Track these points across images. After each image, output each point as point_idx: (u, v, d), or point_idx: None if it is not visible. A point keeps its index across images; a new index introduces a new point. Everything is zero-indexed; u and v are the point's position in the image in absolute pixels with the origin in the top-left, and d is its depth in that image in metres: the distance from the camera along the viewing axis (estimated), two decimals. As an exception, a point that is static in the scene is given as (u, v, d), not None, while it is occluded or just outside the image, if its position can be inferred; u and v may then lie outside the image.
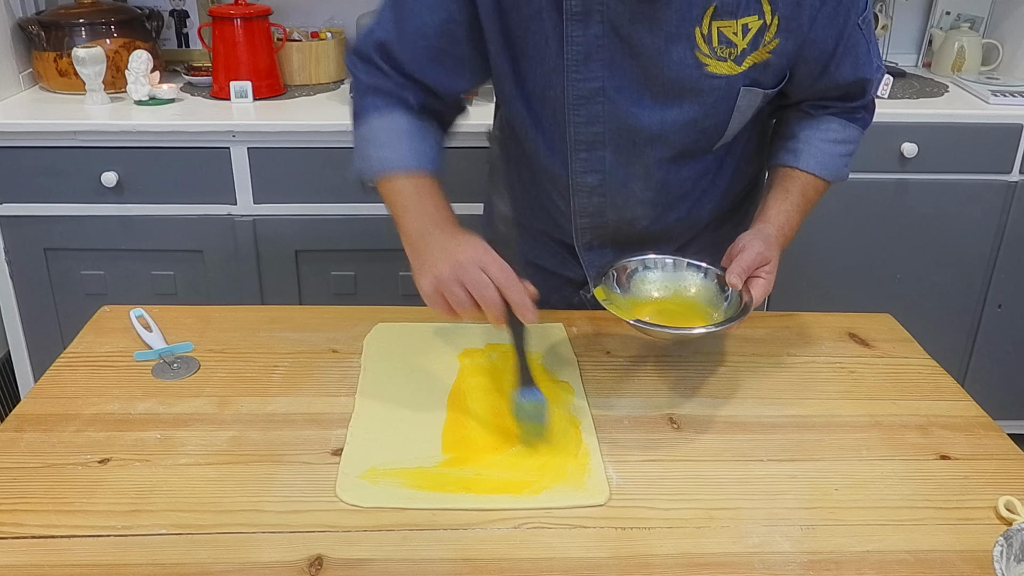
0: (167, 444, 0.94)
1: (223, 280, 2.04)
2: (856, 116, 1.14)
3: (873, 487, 0.91)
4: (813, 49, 1.02)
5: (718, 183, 1.18)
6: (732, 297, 1.02)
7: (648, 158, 1.09)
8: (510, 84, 1.09)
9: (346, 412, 1.00)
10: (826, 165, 1.13)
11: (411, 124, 1.07)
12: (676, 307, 1.05)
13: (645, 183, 1.12)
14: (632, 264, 1.08)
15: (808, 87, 1.09)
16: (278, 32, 2.17)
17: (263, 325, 1.20)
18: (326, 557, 0.79)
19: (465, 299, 0.91)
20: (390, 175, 1.04)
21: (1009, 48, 2.39)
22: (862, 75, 1.08)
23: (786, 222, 1.09)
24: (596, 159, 1.10)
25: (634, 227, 1.17)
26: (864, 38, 1.05)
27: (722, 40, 0.98)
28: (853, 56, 1.05)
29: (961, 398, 1.09)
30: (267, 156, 1.94)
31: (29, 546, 0.80)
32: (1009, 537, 0.76)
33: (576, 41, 1.00)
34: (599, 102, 1.04)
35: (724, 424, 1.01)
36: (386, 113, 1.07)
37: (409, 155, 1.05)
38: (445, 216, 1.01)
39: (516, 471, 0.91)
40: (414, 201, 1.02)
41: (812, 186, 1.13)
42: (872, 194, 2.08)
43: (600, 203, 1.15)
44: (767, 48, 1.00)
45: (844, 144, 1.14)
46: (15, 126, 1.90)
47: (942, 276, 2.18)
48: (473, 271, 0.91)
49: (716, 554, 0.81)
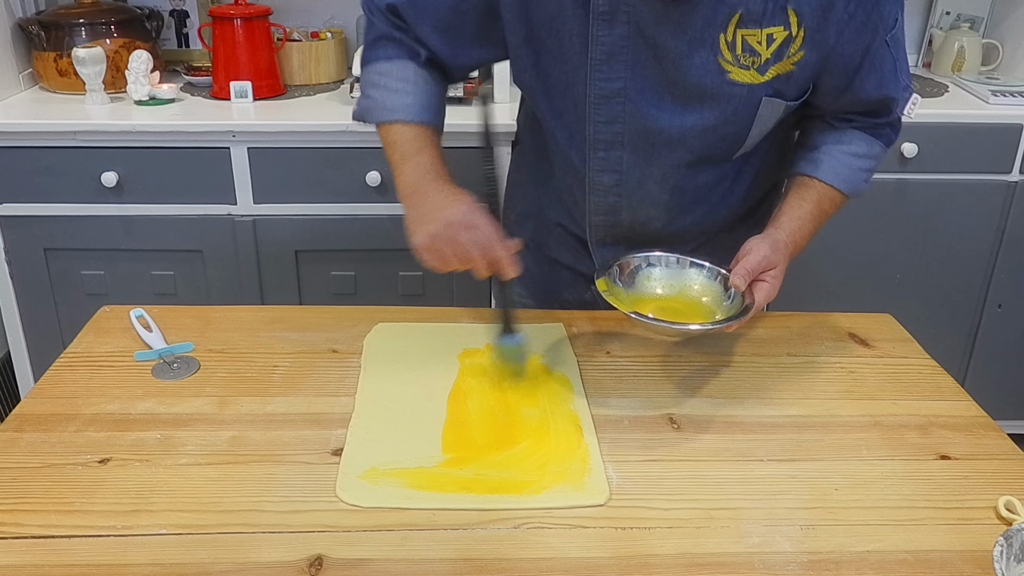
0: (167, 444, 0.94)
1: (223, 280, 2.04)
2: (880, 132, 1.14)
3: (873, 487, 0.91)
4: (838, 63, 1.01)
5: (736, 190, 1.18)
6: (735, 298, 1.02)
7: (665, 161, 1.10)
8: (531, 76, 1.10)
9: (346, 412, 1.00)
10: (845, 178, 1.12)
11: (417, 74, 1.10)
12: (679, 305, 1.06)
13: (661, 186, 1.13)
14: (637, 260, 1.08)
15: (832, 101, 1.08)
16: (278, 32, 2.17)
17: (263, 325, 1.20)
18: (326, 557, 0.79)
19: (453, 255, 0.98)
20: (391, 122, 1.08)
21: (1009, 48, 2.39)
22: (887, 92, 1.07)
23: (798, 229, 1.08)
24: (614, 159, 1.11)
25: (648, 228, 1.18)
26: (891, 55, 1.04)
27: (746, 48, 0.98)
28: (879, 73, 1.04)
29: (961, 398, 1.09)
30: (267, 156, 1.94)
31: (29, 546, 0.80)
32: (1009, 537, 0.76)
33: (601, 41, 1.00)
34: (619, 102, 1.05)
35: (724, 424, 1.01)
36: (395, 60, 1.10)
37: (412, 105, 1.08)
38: (439, 171, 1.06)
39: (516, 471, 0.91)
40: (412, 151, 1.06)
41: (828, 197, 1.12)
42: (872, 194, 2.05)
43: (615, 202, 1.15)
44: (791, 59, 1.00)
45: (865, 159, 1.13)
46: (15, 126, 1.90)
47: (942, 276, 2.18)
48: (462, 231, 0.97)
49: (716, 554, 0.81)
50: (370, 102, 1.11)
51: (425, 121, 1.09)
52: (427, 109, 1.09)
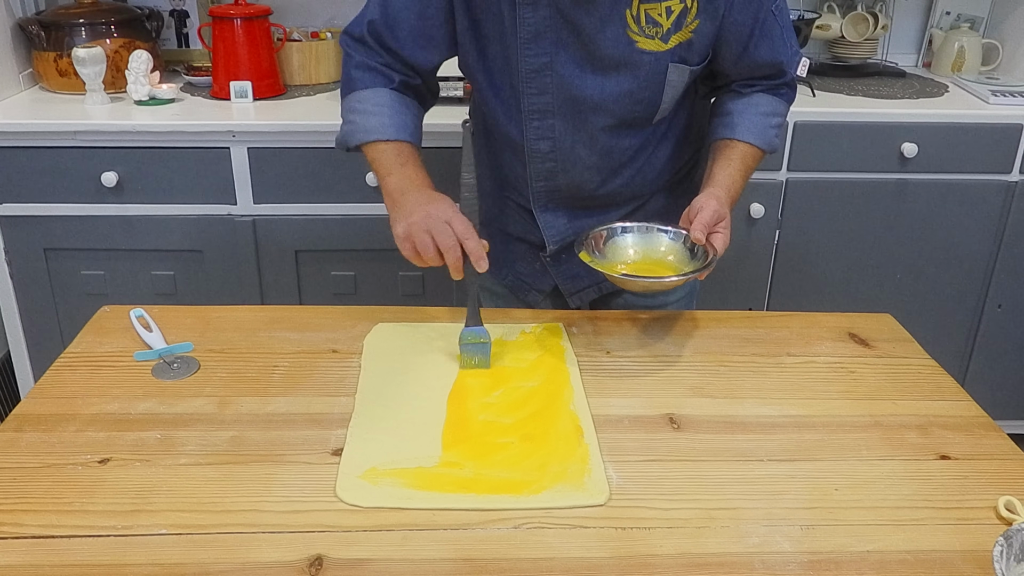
0: (167, 444, 0.94)
1: (223, 280, 2.04)
2: (780, 92, 1.29)
3: (873, 487, 0.91)
4: (732, 31, 1.18)
5: (659, 155, 1.31)
6: (698, 253, 1.14)
7: (592, 126, 1.22)
8: (474, 59, 1.23)
9: (346, 412, 1.00)
10: (759, 135, 1.26)
11: (392, 98, 1.22)
12: (650, 264, 1.18)
13: (590, 149, 1.24)
14: (605, 232, 1.19)
15: (731, 66, 1.24)
16: (278, 32, 2.16)
17: (263, 325, 1.20)
18: (326, 557, 0.79)
19: (430, 244, 1.06)
20: (374, 141, 1.19)
21: (1009, 48, 2.39)
22: (778, 56, 1.23)
23: (732, 184, 1.21)
24: (547, 127, 1.22)
25: (583, 190, 1.29)
26: (779, 24, 1.21)
27: (649, 20, 1.13)
28: (769, 39, 1.21)
29: (961, 398, 1.09)
30: (267, 156, 1.94)
31: (29, 546, 0.80)
32: (1009, 537, 0.76)
33: (528, 22, 1.14)
34: (547, 75, 1.18)
35: (724, 424, 1.01)
36: (371, 87, 1.22)
37: (389, 125, 1.20)
38: (423, 180, 1.17)
39: (516, 471, 0.91)
40: (396, 165, 1.18)
41: (750, 154, 1.25)
42: (872, 194, 2.08)
43: (552, 168, 1.27)
44: (689, 28, 1.15)
45: (773, 116, 1.28)
46: (15, 126, 1.90)
47: (942, 276, 2.18)
48: (439, 223, 1.07)
49: (716, 554, 0.81)
50: (351, 127, 1.22)
51: (404, 139, 1.20)
52: (404, 128, 1.20)
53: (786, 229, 2.10)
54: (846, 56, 2.38)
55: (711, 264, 1.10)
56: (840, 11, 2.36)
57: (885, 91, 2.19)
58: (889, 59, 2.45)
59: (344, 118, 1.24)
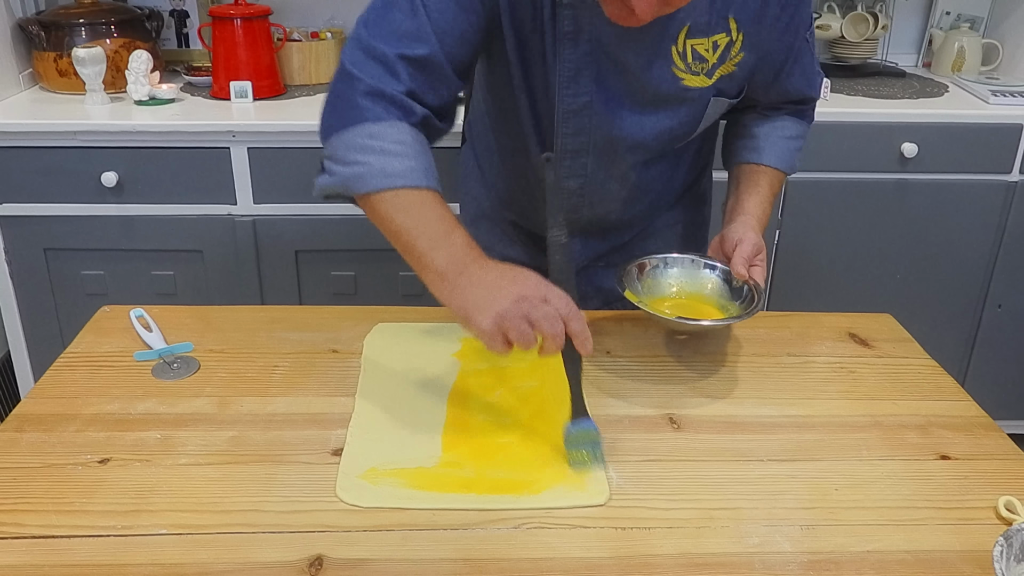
0: (167, 444, 0.94)
1: (223, 280, 2.04)
2: (806, 114, 1.27)
3: (873, 487, 0.91)
4: (767, 59, 1.13)
5: (677, 177, 1.29)
6: (735, 283, 1.13)
7: (626, 163, 1.17)
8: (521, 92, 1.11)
9: (346, 412, 1.00)
10: (784, 159, 1.24)
11: (415, 136, 0.98)
12: (689, 300, 1.16)
13: (621, 184, 1.21)
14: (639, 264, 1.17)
15: (763, 94, 1.21)
16: (278, 32, 2.17)
17: (263, 325, 1.20)
18: (326, 557, 0.79)
19: (529, 333, 0.86)
20: (394, 188, 0.95)
21: (1009, 48, 2.39)
22: (810, 83, 1.22)
23: (763, 213, 1.19)
24: (579, 166, 1.16)
25: (605, 220, 1.26)
26: (809, 50, 1.18)
27: (695, 56, 1.07)
28: (800, 65, 1.18)
29: (961, 398, 1.09)
30: (267, 156, 1.94)
31: (29, 546, 0.80)
32: (1009, 537, 0.76)
33: (567, 59, 1.06)
34: (586, 115, 1.11)
35: (724, 424, 1.01)
36: (387, 121, 0.97)
37: (416, 169, 0.96)
38: (477, 249, 0.94)
39: (516, 471, 0.91)
40: (441, 235, 0.93)
41: (776, 178, 1.23)
42: (872, 194, 2.08)
43: (578, 203, 1.22)
44: (733, 62, 1.10)
45: (797, 140, 1.26)
46: (15, 126, 1.90)
47: (942, 276, 2.18)
48: (538, 307, 0.87)
49: (716, 554, 0.81)
50: (361, 168, 0.97)
51: (433, 187, 0.96)
52: (431, 174, 0.97)
53: (786, 229, 2.10)
54: (846, 56, 2.38)
55: (758, 304, 1.09)
56: (840, 11, 2.36)
57: (885, 91, 2.19)
58: (889, 59, 2.45)
59: (344, 158, 0.99)
